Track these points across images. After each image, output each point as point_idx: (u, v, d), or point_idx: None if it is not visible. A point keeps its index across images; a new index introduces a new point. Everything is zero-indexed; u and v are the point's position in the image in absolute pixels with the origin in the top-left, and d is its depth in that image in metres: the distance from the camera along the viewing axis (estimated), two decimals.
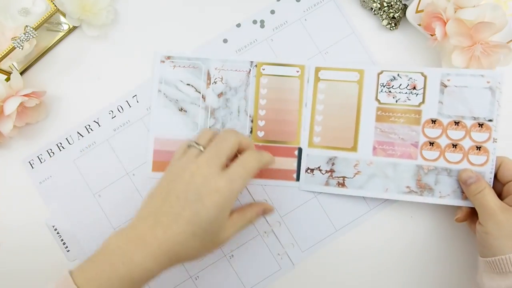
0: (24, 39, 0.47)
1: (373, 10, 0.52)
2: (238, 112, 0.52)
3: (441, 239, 0.52)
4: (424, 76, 0.50)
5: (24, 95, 0.49)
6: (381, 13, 0.51)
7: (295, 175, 0.52)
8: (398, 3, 0.51)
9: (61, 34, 0.54)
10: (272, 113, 0.52)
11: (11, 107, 0.48)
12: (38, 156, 0.53)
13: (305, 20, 0.53)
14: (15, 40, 0.47)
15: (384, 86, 0.50)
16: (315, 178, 0.51)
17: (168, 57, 0.53)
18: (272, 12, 0.54)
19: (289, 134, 0.52)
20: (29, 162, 0.53)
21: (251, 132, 0.52)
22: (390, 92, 0.50)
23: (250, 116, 0.52)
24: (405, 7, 0.51)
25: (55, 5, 0.49)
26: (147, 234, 0.40)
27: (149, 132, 0.53)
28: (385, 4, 0.51)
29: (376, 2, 0.51)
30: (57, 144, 0.53)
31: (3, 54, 0.48)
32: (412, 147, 0.50)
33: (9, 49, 0.48)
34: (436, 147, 0.49)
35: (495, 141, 0.48)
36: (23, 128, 0.52)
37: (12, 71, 0.51)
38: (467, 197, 0.48)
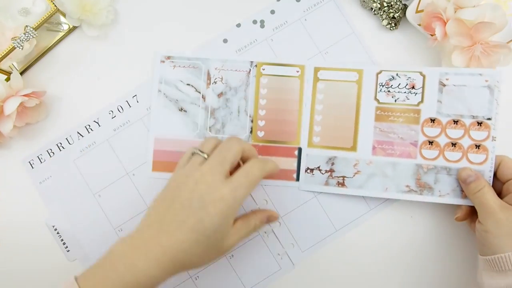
0: (24, 39, 0.47)
1: (373, 10, 0.52)
2: (238, 112, 0.52)
3: (441, 239, 0.52)
4: (423, 75, 0.50)
5: (24, 95, 0.49)
6: (381, 13, 0.52)
7: (295, 175, 0.52)
8: (398, 3, 0.51)
9: (61, 34, 0.54)
10: (272, 113, 0.52)
11: (11, 107, 0.48)
12: (38, 156, 0.53)
13: (305, 20, 0.53)
14: (15, 40, 0.47)
15: (383, 85, 0.51)
16: (315, 178, 0.52)
17: (168, 57, 0.53)
18: (272, 12, 0.54)
19: (289, 134, 0.52)
20: (29, 162, 0.53)
21: (251, 132, 0.52)
22: (389, 91, 0.51)
23: (250, 116, 0.52)
24: (405, 7, 0.51)
25: (55, 5, 0.49)
26: (151, 241, 0.40)
27: (149, 132, 0.53)
28: (385, 4, 0.51)
29: (376, 2, 0.51)
30: (57, 144, 0.53)
31: (3, 54, 0.48)
32: (411, 146, 0.50)
33: (9, 49, 0.48)
34: (435, 146, 0.50)
35: (494, 139, 0.48)
36: (23, 128, 0.52)
37: (12, 71, 0.51)
38: (467, 195, 0.48)
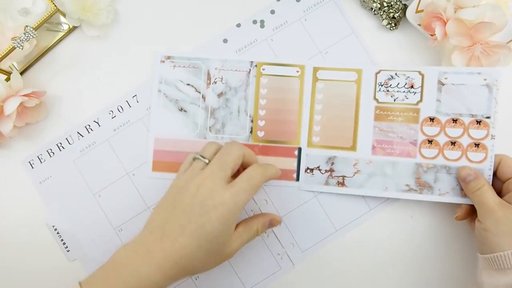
0: (24, 39, 0.47)
1: (373, 10, 0.52)
2: (238, 112, 0.52)
3: (441, 238, 0.52)
4: (422, 74, 0.50)
5: (24, 95, 0.49)
6: (381, 13, 0.52)
7: (295, 175, 0.52)
8: (398, 3, 0.51)
9: (61, 34, 0.54)
10: (272, 113, 0.52)
11: (11, 107, 0.48)
12: (38, 156, 0.53)
13: (305, 20, 0.53)
14: (15, 40, 0.47)
15: (382, 85, 0.51)
16: (315, 177, 0.52)
17: (168, 57, 0.53)
18: (272, 12, 0.54)
19: (289, 134, 0.52)
20: (29, 162, 0.53)
21: (251, 132, 0.52)
22: (388, 91, 0.51)
23: (250, 116, 0.52)
24: (405, 7, 0.52)
25: (55, 5, 0.49)
26: (154, 247, 0.41)
27: (149, 132, 0.53)
28: (385, 4, 0.51)
29: (376, 2, 0.51)
30: (57, 144, 0.53)
31: (3, 54, 0.48)
32: (411, 145, 0.50)
33: (9, 49, 0.48)
34: (434, 145, 0.50)
35: (493, 138, 0.48)
36: (23, 128, 0.52)
37: (12, 71, 0.51)
38: (466, 194, 0.48)
